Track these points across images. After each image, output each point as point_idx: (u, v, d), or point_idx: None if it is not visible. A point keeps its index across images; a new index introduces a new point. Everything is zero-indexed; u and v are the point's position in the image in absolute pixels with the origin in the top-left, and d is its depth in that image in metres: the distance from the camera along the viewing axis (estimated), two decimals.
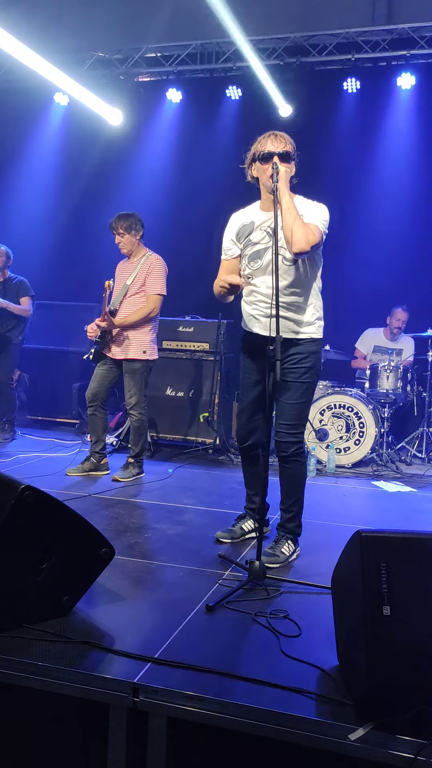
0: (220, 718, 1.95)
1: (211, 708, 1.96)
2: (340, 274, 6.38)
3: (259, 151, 3.11)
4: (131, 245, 4.88)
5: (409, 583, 1.91)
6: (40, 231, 7.82)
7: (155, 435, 6.06)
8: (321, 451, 5.71)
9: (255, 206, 3.32)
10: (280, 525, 3.35)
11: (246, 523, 3.55)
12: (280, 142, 3.11)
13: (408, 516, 4.26)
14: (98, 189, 7.55)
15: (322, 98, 7.03)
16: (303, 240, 2.98)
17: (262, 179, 3.16)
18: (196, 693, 1.99)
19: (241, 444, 3.47)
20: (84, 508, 3.92)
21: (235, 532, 3.49)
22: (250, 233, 3.23)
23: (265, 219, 3.20)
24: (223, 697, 1.98)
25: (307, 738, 1.88)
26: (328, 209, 3.19)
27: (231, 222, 3.35)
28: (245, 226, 3.26)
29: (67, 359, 6.90)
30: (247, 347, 3.40)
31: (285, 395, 3.22)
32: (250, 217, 3.28)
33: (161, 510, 4.09)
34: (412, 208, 6.87)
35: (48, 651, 2.19)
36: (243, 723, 1.93)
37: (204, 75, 7.43)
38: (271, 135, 3.14)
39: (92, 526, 2.51)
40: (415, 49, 6.62)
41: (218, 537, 3.47)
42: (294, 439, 3.22)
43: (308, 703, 1.97)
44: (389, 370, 5.83)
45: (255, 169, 3.17)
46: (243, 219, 3.30)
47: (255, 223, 3.24)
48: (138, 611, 2.60)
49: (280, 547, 3.23)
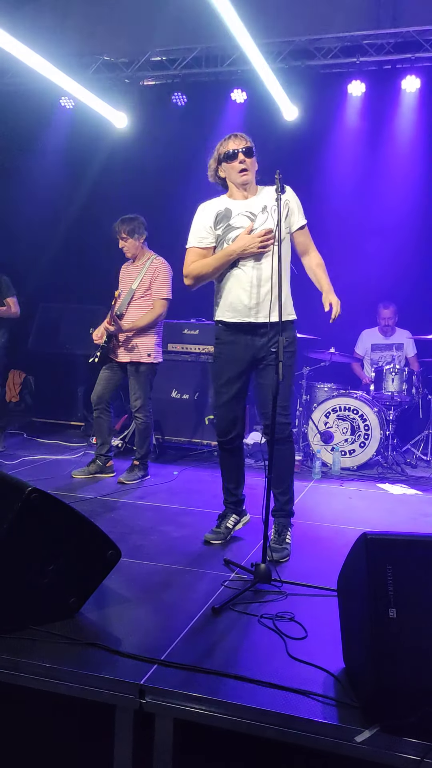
0: (227, 720, 1.95)
1: (217, 710, 1.97)
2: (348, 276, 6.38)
3: (224, 152, 3.38)
4: (135, 249, 4.91)
5: (415, 586, 1.91)
6: (46, 234, 7.85)
7: (160, 437, 6.07)
8: (326, 453, 5.71)
9: (223, 197, 3.50)
10: (278, 509, 3.44)
11: (229, 521, 3.59)
12: (241, 140, 3.39)
13: (413, 518, 4.26)
14: (104, 192, 7.56)
15: (327, 101, 7.03)
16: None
17: (231, 176, 3.41)
18: (202, 695, 1.99)
19: (223, 437, 3.50)
20: (90, 510, 3.93)
21: (222, 533, 3.52)
22: (230, 219, 3.38)
23: (243, 206, 3.39)
24: (230, 699, 1.98)
25: (314, 740, 1.88)
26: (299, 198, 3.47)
27: (203, 211, 3.49)
28: (221, 214, 3.41)
29: (72, 362, 6.91)
30: (229, 338, 3.42)
31: (272, 379, 3.23)
32: (225, 205, 3.44)
33: (167, 512, 4.10)
34: (417, 210, 6.87)
35: (54, 652, 2.19)
36: (249, 725, 1.93)
37: (209, 78, 7.45)
38: (232, 136, 3.42)
39: (98, 528, 2.52)
40: (420, 52, 6.61)
41: (207, 539, 3.48)
42: (288, 420, 3.40)
43: (315, 705, 1.97)
44: (394, 372, 5.82)
45: (223, 170, 3.43)
46: (217, 207, 3.45)
47: (232, 210, 3.40)
48: (144, 613, 2.61)
49: (283, 538, 3.35)
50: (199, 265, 3.40)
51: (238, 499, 3.63)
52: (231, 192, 3.49)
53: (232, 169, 3.38)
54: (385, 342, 6.61)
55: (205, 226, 3.43)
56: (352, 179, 7.00)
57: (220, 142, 3.44)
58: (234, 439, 3.50)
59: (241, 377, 3.43)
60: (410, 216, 6.87)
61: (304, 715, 1.91)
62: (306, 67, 6.88)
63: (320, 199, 3.33)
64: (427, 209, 6.86)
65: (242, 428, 3.53)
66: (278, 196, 3.12)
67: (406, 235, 6.87)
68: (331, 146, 7.03)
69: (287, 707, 1.95)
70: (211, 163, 3.48)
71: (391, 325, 6.58)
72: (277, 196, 3.12)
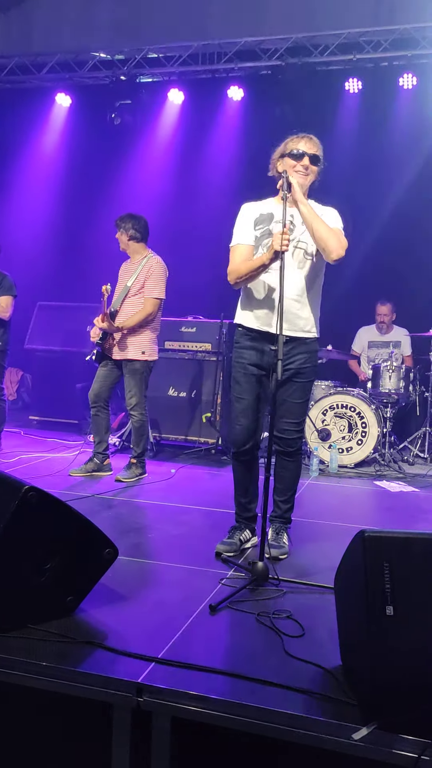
0: (224, 717, 1.95)
1: (215, 708, 1.96)
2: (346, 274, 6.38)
3: (291, 148, 3.21)
4: (123, 244, 4.96)
5: (413, 583, 1.91)
6: (44, 232, 7.85)
7: (158, 435, 6.07)
8: (324, 451, 5.71)
9: (271, 200, 3.34)
10: (277, 516, 3.42)
11: (243, 534, 3.42)
12: (314, 145, 3.25)
13: (411, 516, 4.26)
14: (101, 190, 7.56)
15: (324, 98, 7.04)
16: (339, 246, 3.13)
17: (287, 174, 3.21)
18: (200, 693, 1.99)
19: (240, 447, 3.33)
20: (87, 508, 3.92)
21: (235, 544, 3.34)
22: (270, 223, 3.25)
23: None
24: (227, 697, 1.98)
25: (311, 738, 1.88)
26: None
27: (247, 210, 3.32)
28: (263, 216, 3.27)
29: (70, 360, 6.91)
30: (248, 344, 3.30)
31: (294, 396, 3.28)
32: (269, 209, 3.29)
33: (164, 510, 4.10)
34: (414, 207, 6.87)
35: (52, 651, 2.19)
36: (247, 723, 1.93)
37: (206, 75, 7.44)
38: (305, 136, 3.26)
39: (95, 526, 2.51)
40: (416, 50, 6.63)
41: (219, 551, 3.29)
42: (300, 435, 3.38)
43: (312, 702, 1.97)
44: (391, 370, 5.83)
45: (282, 165, 3.22)
46: (261, 209, 3.30)
47: (274, 215, 3.25)
48: (141, 611, 2.60)
49: (282, 538, 3.33)
50: (239, 266, 3.23)
51: (252, 514, 3.44)
52: (279, 195, 3.26)
53: (291, 168, 3.18)
54: (382, 339, 6.62)
55: (248, 223, 3.28)
56: (348, 176, 7.00)
57: (291, 137, 3.26)
58: (250, 450, 3.35)
59: (260, 384, 3.29)
60: (406, 213, 6.88)
61: (302, 713, 1.91)
62: (303, 64, 6.88)
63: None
64: (423, 206, 6.86)
65: (259, 438, 3.37)
66: (285, 195, 3.01)
67: (402, 233, 6.88)
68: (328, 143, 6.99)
69: (284, 705, 1.95)
70: (274, 155, 3.27)
71: (388, 322, 6.60)
72: (283, 194, 3.02)
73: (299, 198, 3.12)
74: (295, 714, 1.91)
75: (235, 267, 3.25)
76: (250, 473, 3.42)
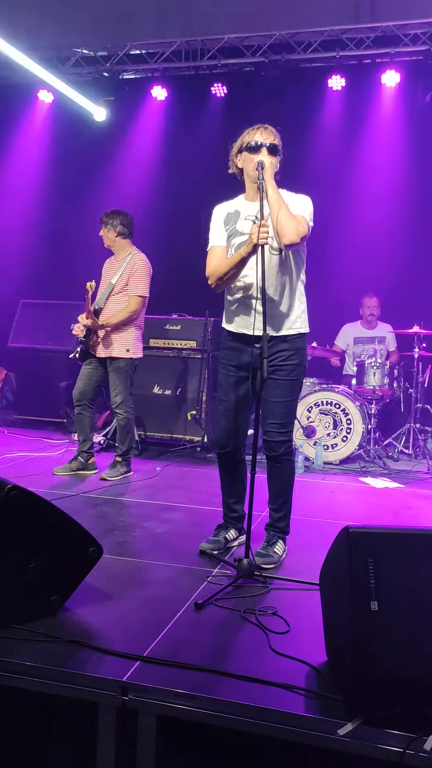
0: (210, 715, 1.95)
1: (200, 705, 1.96)
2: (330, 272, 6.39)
3: (247, 141, 3.14)
4: (109, 240, 4.92)
5: (397, 579, 1.92)
6: (27, 230, 7.79)
7: (143, 433, 6.05)
8: (309, 447, 5.73)
9: (239, 198, 3.31)
10: (270, 525, 3.31)
11: (229, 533, 3.40)
12: (270, 134, 3.15)
13: (396, 512, 4.28)
14: (84, 187, 7.52)
15: (308, 95, 7.05)
16: (293, 231, 2.99)
17: (247, 169, 3.16)
18: (185, 691, 1.99)
19: (222, 449, 3.31)
20: (72, 507, 3.90)
21: (220, 542, 3.32)
22: (236, 222, 3.21)
23: (251, 208, 3.19)
24: (213, 694, 1.98)
25: (297, 734, 1.88)
26: (311, 200, 3.20)
27: (217, 211, 3.30)
28: (230, 215, 3.24)
29: (54, 358, 6.86)
30: (229, 345, 3.29)
31: (274, 394, 3.14)
32: (235, 207, 3.26)
33: (149, 508, 4.09)
34: (397, 204, 6.90)
35: (36, 651, 2.18)
36: (232, 720, 1.93)
37: (189, 72, 7.42)
38: (261, 127, 3.16)
39: (80, 525, 2.50)
40: (399, 47, 6.65)
41: (203, 549, 3.28)
42: (284, 438, 3.19)
43: (297, 699, 1.98)
44: (376, 366, 5.85)
45: (241, 160, 3.18)
46: (228, 208, 3.27)
47: (241, 213, 3.22)
48: (127, 610, 2.59)
49: (273, 548, 3.20)
50: (217, 267, 3.18)
51: (239, 515, 3.41)
52: (246, 191, 3.26)
53: (249, 162, 3.11)
54: (367, 335, 6.64)
55: (218, 226, 3.25)
56: (333, 173, 7.02)
57: (247, 131, 3.18)
58: (232, 452, 3.30)
59: (241, 386, 3.25)
60: (391, 210, 6.90)
61: (287, 709, 1.91)
62: (286, 61, 6.88)
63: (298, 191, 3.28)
64: (407, 203, 6.90)
65: (243, 441, 3.32)
66: (260, 182, 2.97)
67: (387, 231, 6.91)
68: (311, 140, 7.04)
69: (270, 702, 1.95)
70: (232, 152, 3.22)
71: (376, 315, 6.62)
72: (259, 184, 2.97)
73: (269, 179, 3.03)
74: (281, 711, 1.91)
75: (213, 269, 3.19)
76: (235, 474, 3.38)
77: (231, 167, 3.25)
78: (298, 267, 3.22)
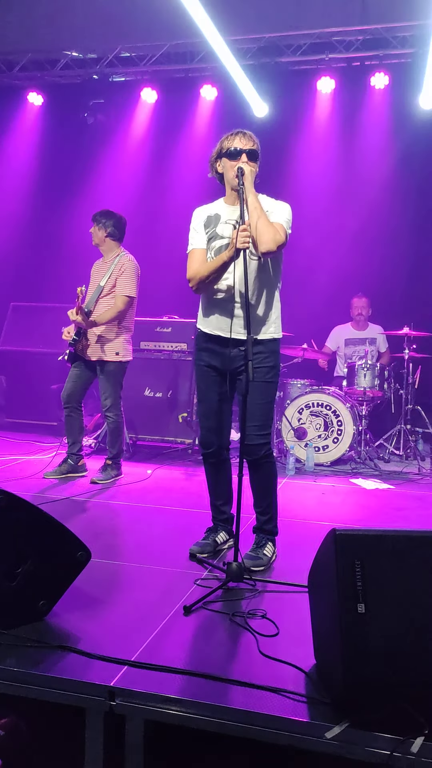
0: (198, 719, 1.94)
1: (188, 710, 1.95)
2: (320, 274, 6.41)
3: (227, 147, 3.15)
4: (97, 239, 4.92)
5: (384, 581, 1.91)
6: (17, 232, 7.76)
7: (134, 436, 6.04)
8: (300, 449, 5.73)
9: (219, 201, 3.32)
10: (257, 528, 3.30)
11: (219, 535, 3.40)
12: (249, 140, 3.16)
13: (386, 513, 4.29)
14: (75, 189, 7.51)
15: (297, 98, 7.06)
16: (270, 240, 3.01)
17: (227, 176, 3.18)
18: (173, 695, 1.98)
19: (207, 449, 3.32)
20: (61, 511, 3.89)
21: (210, 545, 3.32)
22: (216, 225, 3.22)
23: (231, 212, 3.20)
24: (201, 698, 1.97)
25: (285, 737, 1.88)
26: (291, 208, 3.21)
27: (197, 214, 3.30)
28: (210, 218, 3.25)
29: (44, 361, 6.84)
30: (204, 346, 3.30)
31: (251, 396, 3.07)
32: (216, 210, 3.26)
33: (139, 512, 4.08)
34: (387, 206, 6.92)
35: (23, 656, 2.17)
36: (220, 724, 1.92)
37: (179, 75, 7.43)
38: (239, 133, 3.17)
39: (67, 529, 2.49)
40: (388, 49, 6.67)
41: (192, 552, 3.27)
42: (263, 441, 3.19)
43: (285, 702, 1.97)
44: (366, 368, 5.86)
45: (221, 165, 3.20)
46: (208, 211, 3.28)
47: (221, 216, 3.23)
48: (115, 614, 2.58)
49: (262, 550, 3.20)
50: (199, 269, 3.18)
51: (226, 516, 3.41)
52: (226, 195, 3.27)
53: (230, 169, 3.12)
54: (358, 336, 6.65)
55: (198, 229, 3.25)
56: (322, 176, 7.04)
57: (225, 136, 3.19)
58: (217, 452, 3.32)
59: (222, 385, 3.26)
60: (380, 212, 6.92)
61: (275, 713, 1.91)
62: (276, 63, 6.89)
63: (290, 196, 3.28)
64: (396, 204, 6.92)
65: (227, 440, 3.34)
66: (240, 189, 2.97)
67: (377, 232, 6.93)
68: (301, 142, 7.05)
69: (258, 705, 1.94)
70: (212, 157, 3.23)
71: (365, 315, 6.63)
72: (239, 187, 2.98)
73: (248, 186, 3.04)
74: (269, 714, 1.91)
75: (194, 272, 3.19)
76: (220, 475, 3.38)
77: (211, 172, 3.27)
78: (275, 273, 3.23)
